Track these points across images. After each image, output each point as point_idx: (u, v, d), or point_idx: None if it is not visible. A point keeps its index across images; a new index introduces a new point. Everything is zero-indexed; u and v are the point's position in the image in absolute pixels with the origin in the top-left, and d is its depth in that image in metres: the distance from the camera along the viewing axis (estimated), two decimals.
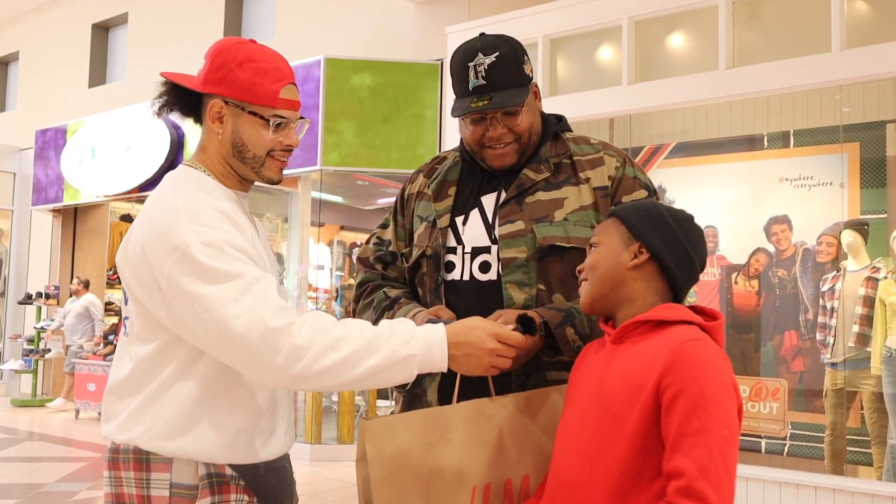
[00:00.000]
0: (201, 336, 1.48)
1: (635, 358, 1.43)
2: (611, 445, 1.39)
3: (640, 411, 1.37)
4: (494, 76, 1.78)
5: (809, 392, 5.23)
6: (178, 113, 1.69)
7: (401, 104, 7.38)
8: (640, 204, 1.61)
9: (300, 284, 7.90)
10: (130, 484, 1.56)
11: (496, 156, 1.84)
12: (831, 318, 5.05)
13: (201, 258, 1.46)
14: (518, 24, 5.82)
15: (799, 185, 5.39)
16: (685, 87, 5.21)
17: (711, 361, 1.36)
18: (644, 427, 1.36)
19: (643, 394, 1.37)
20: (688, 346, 1.37)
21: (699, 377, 1.33)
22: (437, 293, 1.87)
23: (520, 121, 1.82)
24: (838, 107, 5.12)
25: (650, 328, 1.46)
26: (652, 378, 1.36)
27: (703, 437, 1.29)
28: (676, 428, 1.31)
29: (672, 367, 1.35)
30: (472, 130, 1.84)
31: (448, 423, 1.60)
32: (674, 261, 1.50)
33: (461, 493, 1.59)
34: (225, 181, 1.67)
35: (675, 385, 1.33)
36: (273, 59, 1.65)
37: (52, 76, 12.05)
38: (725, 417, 1.32)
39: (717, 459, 1.29)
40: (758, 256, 5.52)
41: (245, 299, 1.45)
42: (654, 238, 1.51)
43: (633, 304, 1.51)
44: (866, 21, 4.94)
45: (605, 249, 1.54)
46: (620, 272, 1.51)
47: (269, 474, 1.63)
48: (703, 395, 1.32)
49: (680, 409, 1.32)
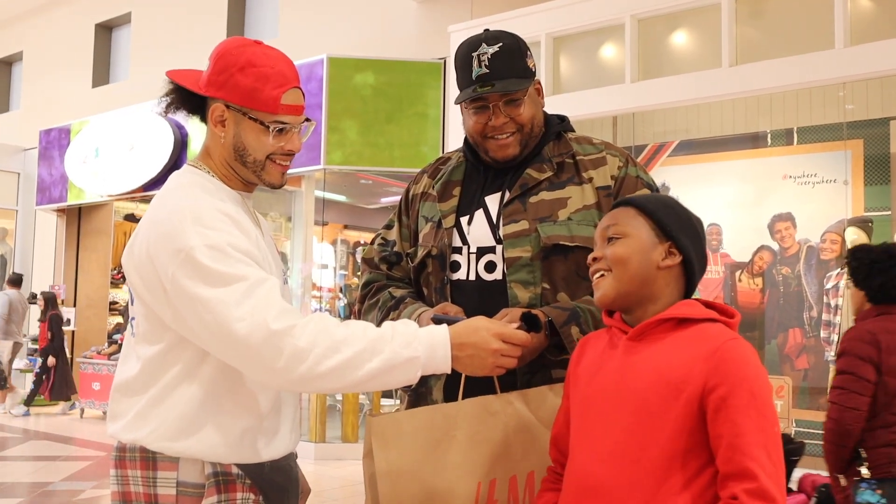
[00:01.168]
0: (205, 338, 1.49)
1: (667, 356, 1.41)
2: (648, 446, 1.38)
3: (681, 410, 1.36)
4: (497, 65, 1.79)
5: (814, 389, 5.23)
6: (183, 112, 1.69)
7: (404, 103, 7.39)
8: (662, 199, 1.56)
9: (304, 284, 7.91)
10: (137, 482, 1.57)
11: (498, 146, 1.85)
12: (835, 315, 5.05)
13: (205, 261, 1.47)
14: (521, 23, 5.81)
15: (802, 183, 5.39)
16: (688, 85, 5.21)
17: (753, 361, 1.38)
18: (685, 427, 1.36)
19: (684, 393, 1.36)
20: (730, 346, 1.37)
21: (747, 377, 1.34)
22: (442, 293, 1.87)
23: (522, 110, 1.83)
24: (842, 104, 5.11)
25: (672, 326, 1.45)
26: (694, 377, 1.36)
27: (760, 437, 1.31)
28: (731, 428, 1.32)
29: (717, 367, 1.35)
30: (475, 120, 1.85)
31: (453, 420, 1.61)
32: (699, 263, 1.50)
33: (466, 489, 1.60)
34: (228, 182, 1.68)
35: (723, 386, 1.34)
36: (276, 63, 1.63)
37: (55, 76, 12.07)
38: (774, 416, 1.35)
39: (776, 459, 1.32)
40: (761, 254, 5.52)
41: (248, 302, 1.45)
42: (685, 239, 1.49)
43: (657, 302, 1.48)
44: (869, 18, 4.94)
45: (634, 243, 1.48)
46: (651, 270, 1.47)
47: (275, 473, 1.64)
48: (754, 394, 1.33)
49: (732, 409, 1.33)
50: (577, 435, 1.52)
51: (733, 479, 1.31)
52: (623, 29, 5.53)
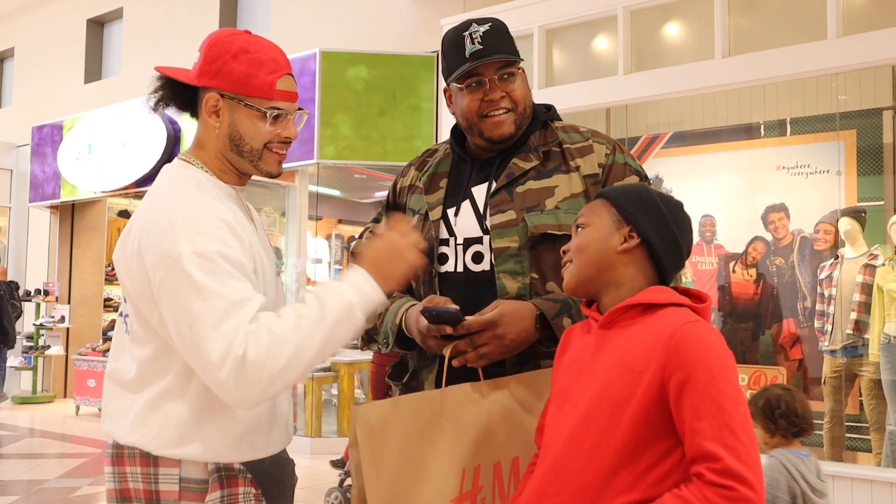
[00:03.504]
0: (181, 349, 1.49)
1: (630, 343, 1.42)
2: (609, 432, 1.38)
3: (641, 397, 1.36)
4: (491, 41, 1.80)
5: (808, 379, 5.25)
6: (174, 108, 1.67)
7: (397, 96, 7.37)
8: (630, 187, 1.59)
9: (298, 278, 7.90)
10: (137, 479, 1.56)
11: (494, 124, 1.83)
12: (829, 305, 5.06)
13: (192, 271, 1.45)
14: (514, 15, 5.80)
15: (796, 174, 5.40)
16: (681, 77, 5.21)
17: (713, 342, 1.36)
18: (646, 413, 1.35)
19: (644, 380, 1.36)
20: (688, 329, 1.36)
21: (705, 359, 1.33)
22: (430, 285, 1.87)
23: (517, 86, 1.83)
24: (835, 94, 5.12)
25: (639, 312, 1.45)
26: (653, 363, 1.36)
27: (723, 418, 1.29)
28: (692, 412, 1.31)
29: (675, 351, 1.34)
30: (469, 99, 1.84)
31: (437, 407, 1.62)
32: (664, 247, 1.49)
33: (451, 475, 1.60)
34: (222, 176, 1.66)
35: (682, 370, 1.33)
36: (268, 50, 1.62)
37: (47, 72, 12.01)
38: (738, 395, 1.33)
39: (744, 437, 1.29)
40: (755, 245, 5.53)
41: (226, 324, 1.43)
42: (645, 222, 1.49)
43: (620, 288, 1.49)
44: (862, 8, 4.94)
45: (593, 231, 1.51)
46: (609, 255, 1.48)
47: (273, 467, 1.65)
48: (713, 375, 1.31)
49: (692, 392, 1.31)
50: (550, 422, 1.53)
51: (697, 463, 1.30)
52: (616, 21, 5.53)
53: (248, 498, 1.58)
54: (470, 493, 1.62)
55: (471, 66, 1.79)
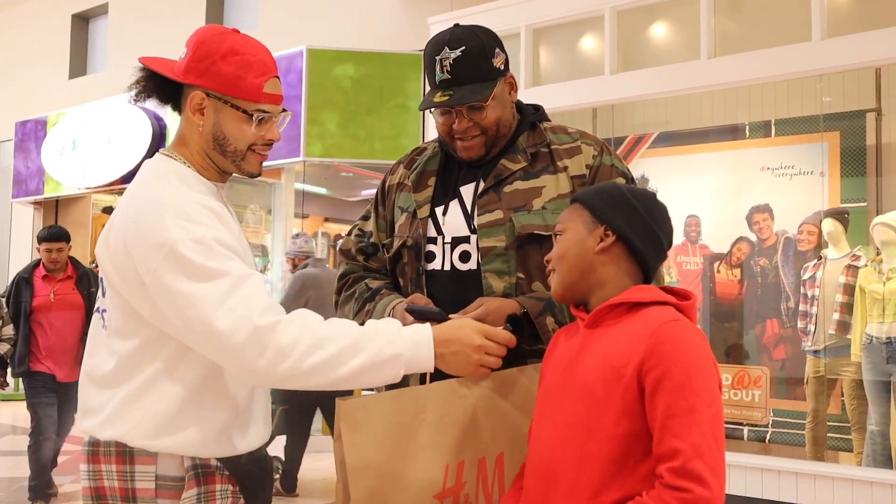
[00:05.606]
0: (186, 334, 1.47)
1: (613, 341, 1.43)
2: (594, 430, 1.39)
3: (622, 395, 1.37)
4: (459, 71, 1.79)
5: (791, 380, 5.28)
6: (155, 100, 1.66)
7: (384, 95, 7.36)
8: (601, 187, 1.61)
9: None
10: (112, 477, 1.56)
11: (463, 148, 1.86)
12: (812, 306, 5.09)
13: (190, 255, 1.45)
14: (500, 15, 5.81)
15: (780, 174, 5.43)
16: (667, 77, 5.22)
17: (692, 341, 1.37)
18: (628, 410, 1.36)
19: (624, 377, 1.37)
20: (667, 328, 1.37)
21: (682, 358, 1.34)
22: (417, 283, 1.88)
23: (485, 115, 1.83)
24: (819, 96, 5.15)
25: (625, 311, 1.46)
26: (633, 361, 1.37)
27: (693, 417, 1.30)
28: (664, 410, 1.32)
29: (654, 349, 1.35)
30: (441, 122, 1.87)
31: (421, 403, 1.62)
32: (640, 240, 1.50)
33: (434, 471, 1.60)
34: (204, 172, 1.66)
35: (658, 367, 1.34)
36: (257, 52, 1.61)
37: (31, 67, 11.92)
38: (711, 396, 1.33)
39: (710, 438, 1.30)
40: (740, 245, 5.55)
41: (232, 298, 1.44)
42: (618, 219, 1.50)
43: (604, 287, 1.50)
44: (846, 10, 4.97)
45: (570, 237, 1.53)
46: (588, 258, 1.50)
47: (251, 464, 1.65)
48: (688, 375, 1.32)
49: (666, 390, 1.32)
50: (537, 422, 1.54)
51: (661, 461, 1.31)
52: (602, 21, 5.54)
53: (225, 495, 1.58)
54: (453, 488, 1.63)
55: (432, 105, 1.81)
